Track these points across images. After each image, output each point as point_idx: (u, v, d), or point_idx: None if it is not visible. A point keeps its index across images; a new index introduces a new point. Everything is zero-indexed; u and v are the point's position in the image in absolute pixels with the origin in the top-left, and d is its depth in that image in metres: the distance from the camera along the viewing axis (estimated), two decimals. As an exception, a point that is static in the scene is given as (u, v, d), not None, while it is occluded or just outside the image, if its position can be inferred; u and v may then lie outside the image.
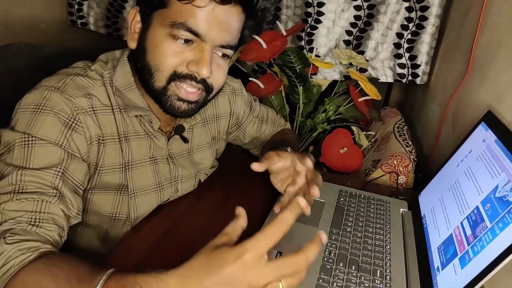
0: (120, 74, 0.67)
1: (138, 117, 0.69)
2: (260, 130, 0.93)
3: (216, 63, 0.64)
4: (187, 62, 0.62)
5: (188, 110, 0.66)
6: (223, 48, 0.63)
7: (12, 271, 0.46)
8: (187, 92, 0.64)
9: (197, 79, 0.63)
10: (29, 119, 0.57)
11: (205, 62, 0.61)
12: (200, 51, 0.61)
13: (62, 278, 0.45)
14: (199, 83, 0.63)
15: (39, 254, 0.48)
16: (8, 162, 0.55)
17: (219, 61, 0.65)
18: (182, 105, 0.65)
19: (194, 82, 0.63)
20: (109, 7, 1.59)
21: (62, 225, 0.55)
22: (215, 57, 0.64)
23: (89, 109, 0.62)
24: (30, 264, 0.47)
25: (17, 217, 0.51)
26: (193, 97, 0.65)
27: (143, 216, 0.73)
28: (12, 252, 0.47)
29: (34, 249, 0.49)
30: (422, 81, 1.31)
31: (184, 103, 0.65)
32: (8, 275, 0.46)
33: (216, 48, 0.63)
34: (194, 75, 0.62)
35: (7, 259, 0.47)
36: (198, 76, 0.62)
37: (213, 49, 0.62)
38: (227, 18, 0.61)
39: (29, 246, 0.49)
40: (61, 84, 0.61)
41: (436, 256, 0.63)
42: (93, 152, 0.63)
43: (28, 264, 0.47)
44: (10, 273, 0.46)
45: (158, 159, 0.73)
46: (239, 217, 0.47)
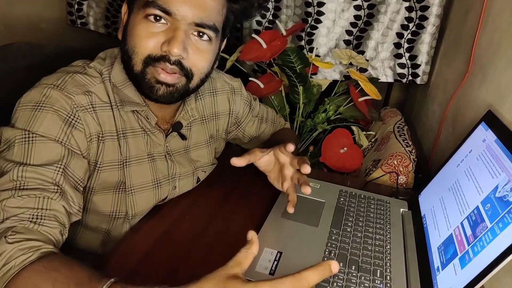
0: (117, 71, 0.67)
1: (135, 113, 0.69)
2: (259, 129, 0.93)
3: (195, 45, 0.63)
4: (161, 44, 0.61)
5: (167, 93, 0.64)
6: (199, 27, 0.62)
7: (12, 271, 0.46)
8: (165, 74, 0.63)
9: (171, 60, 0.61)
10: (29, 116, 0.58)
11: (176, 40, 0.60)
12: (172, 30, 0.61)
13: (61, 283, 0.45)
14: (174, 64, 0.62)
15: (40, 255, 0.48)
16: (9, 159, 0.55)
17: (199, 44, 0.64)
18: (160, 88, 0.64)
19: (168, 63, 0.61)
20: (108, 7, 1.59)
21: (64, 222, 0.55)
22: (194, 39, 0.63)
23: (88, 106, 0.62)
24: (30, 266, 0.47)
25: (19, 214, 0.51)
26: (170, 79, 0.63)
27: (141, 213, 0.73)
28: (13, 252, 0.47)
29: (35, 249, 0.49)
30: (422, 81, 1.31)
31: (162, 85, 0.63)
32: (9, 275, 0.46)
33: (192, 28, 0.62)
34: (168, 56, 0.61)
35: (7, 259, 0.47)
36: (172, 57, 0.61)
37: (188, 29, 0.62)
38: None
39: (30, 245, 0.49)
40: (60, 81, 0.61)
41: (436, 256, 0.63)
42: (93, 149, 0.64)
43: (28, 265, 0.47)
44: (11, 273, 0.46)
45: (155, 156, 0.73)
46: (252, 244, 0.46)
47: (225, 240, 0.70)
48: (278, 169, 0.77)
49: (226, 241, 0.69)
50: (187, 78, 0.65)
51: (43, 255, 0.48)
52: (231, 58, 1.27)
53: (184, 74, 0.64)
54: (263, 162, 0.75)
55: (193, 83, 0.67)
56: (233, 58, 1.27)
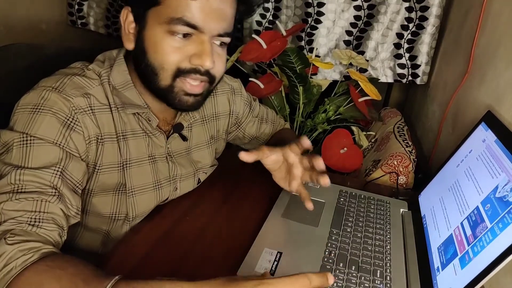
0: (117, 73, 0.67)
1: (136, 115, 0.69)
2: (259, 129, 0.93)
3: (216, 52, 0.64)
4: (189, 56, 0.62)
5: (195, 103, 0.67)
6: (221, 37, 0.63)
7: (14, 272, 0.46)
8: (192, 86, 0.64)
9: (201, 72, 0.63)
10: (28, 119, 0.58)
11: (207, 53, 0.61)
12: (200, 43, 0.61)
13: (67, 280, 0.45)
14: (204, 75, 0.64)
15: (41, 255, 0.48)
16: (7, 162, 0.55)
17: (218, 49, 0.65)
18: (189, 99, 0.65)
19: (199, 75, 0.63)
20: (109, 7, 1.59)
21: (62, 224, 0.55)
22: (214, 47, 0.64)
23: (87, 109, 0.62)
24: (33, 265, 0.47)
25: (17, 217, 0.51)
26: (198, 89, 0.65)
27: (142, 215, 0.73)
28: (13, 253, 0.47)
29: (36, 250, 0.49)
30: (422, 81, 1.31)
31: (191, 97, 0.65)
32: (10, 276, 0.46)
33: (215, 38, 0.63)
34: (198, 68, 0.62)
35: (8, 260, 0.47)
36: (202, 69, 0.63)
37: (211, 39, 0.62)
38: (221, 6, 0.61)
39: (30, 246, 0.49)
40: (59, 84, 0.61)
41: (436, 256, 0.63)
42: (91, 152, 0.63)
43: (30, 265, 0.47)
44: (12, 274, 0.46)
45: (157, 157, 0.73)
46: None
47: (225, 240, 0.70)
48: (285, 169, 0.75)
49: (226, 241, 0.70)
50: (210, 83, 0.67)
51: (44, 256, 0.48)
52: (231, 58, 1.27)
53: (209, 80, 0.66)
54: (270, 161, 0.74)
55: (214, 85, 0.69)
56: (233, 58, 1.27)
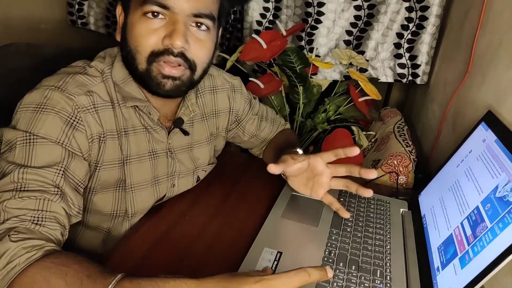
0: (118, 69, 0.67)
1: (137, 110, 0.69)
2: (259, 127, 0.93)
3: (195, 36, 0.64)
4: (162, 39, 0.62)
5: (174, 87, 0.65)
6: (197, 17, 0.63)
7: (18, 269, 0.46)
8: (170, 68, 0.63)
9: (174, 53, 0.62)
10: (31, 118, 0.58)
11: (177, 32, 0.60)
12: (172, 23, 0.61)
13: (72, 276, 0.45)
14: (178, 56, 0.63)
15: (44, 253, 0.48)
16: (10, 161, 0.56)
17: (198, 34, 0.64)
18: (167, 82, 0.64)
19: (172, 56, 0.62)
20: (109, 7, 1.59)
21: (64, 223, 0.56)
22: (193, 30, 0.64)
23: (90, 107, 0.63)
24: (37, 262, 0.47)
25: (20, 215, 0.51)
26: (176, 72, 0.64)
27: (141, 212, 0.73)
28: (17, 250, 0.47)
29: (39, 248, 0.49)
30: (422, 81, 1.31)
31: (169, 79, 0.64)
32: (14, 273, 0.46)
33: (190, 19, 0.62)
34: (170, 49, 0.62)
35: (12, 256, 0.47)
36: (174, 50, 0.62)
37: (187, 21, 0.62)
38: None
39: (34, 244, 0.49)
40: (61, 83, 0.61)
41: (436, 256, 0.63)
42: (94, 150, 0.64)
43: (35, 262, 0.47)
44: (16, 271, 0.46)
45: (157, 153, 0.73)
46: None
47: (225, 239, 0.70)
48: (306, 176, 0.75)
49: (225, 240, 0.70)
50: (191, 70, 0.66)
51: (47, 253, 0.49)
52: (231, 58, 1.27)
53: (188, 66, 0.65)
54: (294, 170, 0.73)
55: (197, 74, 0.68)
56: (233, 58, 1.27)
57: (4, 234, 0.49)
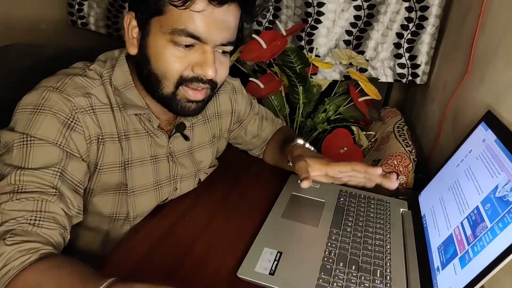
0: (119, 73, 0.67)
1: (138, 115, 0.69)
2: (261, 127, 0.94)
3: (219, 60, 0.65)
4: (192, 65, 0.62)
5: (197, 108, 0.68)
6: (223, 46, 0.64)
7: (12, 273, 0.46)
8: (195, 92, 0.65)
9: (204, 80, 0.64)
10: (28, 120, 0.58)
11: (209, 63, 0.62)
12: (202, 53, 0.62)
13: (64, 279, 0.45)
14: (206, 83, 0.64)
15: (39, 256, 0.48)
16: (8, 163, 0.56)
17: (221, 58, 0.66)
18: (191, 106, 0.66)
19: (201, 83, 0.64)
20: (109, 7, 1.59)
21: (64, 224, 0.55)
22: (217, 55, 0.64)
23: (88, 108, 0.62)
24: (31, 266, 0.47)
25: (18, 217, 0.51)
26: (200, 96, 0.66)
27: (142, 215, 0.73)
28: (12, 254, 0.47)
29: (35, 251, 0.49)
30: (422, 81, 1.31)
31: (193, 103, 0.66)
32: (8, 277, 0.46)
33: (217, 47, 0.63)
34: (201, 77, 0.63)
35: (6, 260, 0.47)
36: (204, 78, 0.63)
37: (214, 49, 0.63)
38: (225, 18, 0.61)
39: (29, 247, 0.49)
40: (59, 84, 0.61)
41: (436, 256, 0.63)
42: (92, 151, 0.64)
43: (29, 266, 0.47)
44: (10, 275, 0.46)
45: (159, 157, 0.73)
46: None
47: (225, 239, 0.70)
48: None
49: (226, 240, 0.70)
50: (212, 89, 0.67)
51: (42, 256, 0.49)
52: (231, 58, 1.27)
53: (211, 86, 0.66)
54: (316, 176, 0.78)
55: (215, 91, 0.70)
56: (233, 58, 1.27)
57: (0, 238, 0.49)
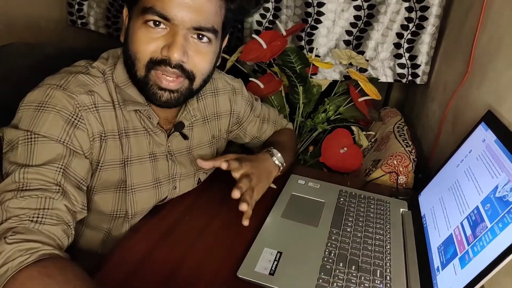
0: (120, 71, 0.67)
1: (138, 112, 0.69)
2: (261, 129, 0.94)
3: (195, 48, 0.64)
4: (161, 48, 0.62)
5: (171, 99, 0.66)
6: (198, 30, 0.63)
7: (9, 273, 0.46)
8: (167, 80, 0.64)
9: (172, 64, 0.62)
10: (32, 117, 0.58)
11: (175, 44, 0.61)
12: (172, 35, 0.61)
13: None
14: (175, 68, 0.63)
15: (38, 257, 0.48)
16: (12, 161, 0.56)
17: (199, 46, 0.64)
18: (163, 94, 0.65)
19: (169, 67, 0.62)
20: (109, 7, 1.59)
21: (68, 220, 0.56)
22: (194, 42, 0.63)
23: (91, 106, 0.63)
24: (26, 268, 0.47)
25: (20, 215, 0.51)
26: (173, 85, 0.64)
27: (141, 213, 0.73)
28: (11, 253, 0.47)
29: (34, 251, 0.49)
30: (422, 81, 1.31)
31: (165, 92, 0.65)
32: (6, 277, 0.46)
33: (191, 31, 0.62)
34: (168, 60, 0.62)
35: (6, 259, 0.47)
36: (172, 61, 0.62)
37: (187, 33, 0.62)
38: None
39: (29, 247, 0.49)
40: (63, 82, 0.62)
41: (436, 256, 0.63)
42: (95, 149, 0.64)
43: (24, 268, 0.47)
44: (8, 275, 0.46)
45: (157, 155, 0.73)
46: None
47: (225, 240, 0.70)
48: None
49: (226, 241, 0.70)
50: (189, 79, 0.66)
51: (41, 258, 0.48)
52: (231, 58, 1.27)
53: (186, 76, 0.65)
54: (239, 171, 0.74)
55: (196, 84, 0.68)
56: (233, 58, 1.27)
57: (1, 235, 0.49)
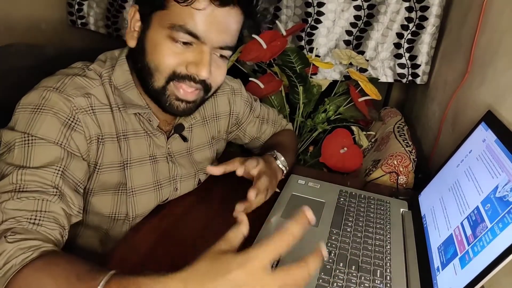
0: (119, 73, 0.67)
1: (137, 115, 0.69)
2: (260, 130, 0.93)
3: (215, 63, 0.64)
4: (187, 63, 0.62)
5: (186, 109, 0.67)
6: (222, 49, 0.63)
7: (13, 270, 0.46)
8: (186, 92, 0.64)
9: (196, 80, 0.63)
10: (29, 119, 0.58)
11: (204, 64, 0.61)
12: (199, 52, 0.61)
13: (62, 277, 0.45)
14: (198, 83, 0.64)
15: (40, 254, 0.48)
16: (9, 162, 0.56)
17: (218, 61, 0.65)
18: (180, 105, 0.65)
19: (193, 83, 0.63)
20: (109, 7, 1.58)
21: (64, 224, 0.55)
22: (214, 57, 0.64)
23: (88, 108, 0.63)
24: (32, 263, 0.47)
25: (18, 216, 0.51)
26: (191, 97, 0.65)
27: (142, 215, 0.73)
28: (13, 251, 0.47)
29: (35, 248, 0.49)
30: (422, 81, 1.31)
31: (182, 102, 0.65)
32: (9, 274, 0.46)
33: (215, 50, 0.63)
34: (193, 76, 0.62)
35: (8, 258, 0.47)
36: (197, 77, 0.63)
37: (212, 51, 0.62)
38: (226, 20, 0.61)
39: (30, 245, 0.49)
40: (59, 84, 0.61)
41: (436, 256, 0.63)
42: (92, 151, 0.64)
43: (30, 263, 0.47)
44: (11, 272, 0.46)
45: (157, 157, 0.73)
46: (241, 224, 0.44)
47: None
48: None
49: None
50: (205, 91, 0.67)
51: (43, 254, 0.49)
52: (231, 58, 1.26)
53: (204, 88, 0.66)
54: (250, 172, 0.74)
55: (209, 94, 0.69)
56: (233, 58, 1.27)
57: (0, 235, 0.49)
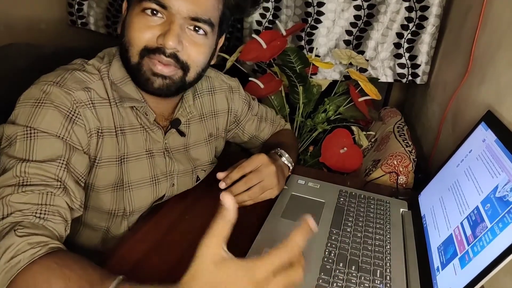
0: (116, 68, 0.68)
1: (134, 109, 0.69)
2: (259, 128, 0.94)
3: (191, 39, 0.64)
4: (157, 36, 0.62)
5: (163, 86, 0.66)
6: (194, 21, 0.63)
7: (22, 264, 0.46)
8: (161, 65, 0.64)
9: (166, 53, 0.63)
10: (30, 113, 0.58)
11: (170, 32, 0.61)
12: (168, 24, 0.62)
13: (74, 282, 0.46)
14: (169, 57, 0.63)
15: (48, 250, 0.49)
16: (11, 155, 0.56)
17: (195, 37, 0.65)
18: (156, 80, 0.65)
19: (163, 55, 0.63)
20: (109, 7, 1.59)
21: (67, 217, 0.56)
22: (189, 32, 0.64)
23: (88, 102, 0.63)
24: (40, 259, 0.47)
25: (23, 209, 0.51)
26: (167, 71, 0.64)
27: (139, 210, 0.73)
28: (22, 245, 0.48)
29: (44, 244, 0.49)
30: (422, 81, 1.31)
31: (158, 77, 0.65)
32: (18, 268, 0.46)
33: (187, 22, 0.63)
34: (163, 48, 0.62)
35: (16, 251, 0.47)
36: (167, 50, 0.62)
37: (183, 23, 0.63)
38: None
39: (39, 240, 0.49)
40: (59, 78, 0.62)
41: (436, 256, 0.63)
42: (92, 145, 0.64)
43: (38, 259, 0.47)
44: (20, 266, 0.46)
45: (154, 152, 0.73)
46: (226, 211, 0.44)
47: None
48: None
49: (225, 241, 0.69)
50: (183, 70, 0.66)
51: (51, 251, 0.49)
52: (231, 58, 1.27)
53: (180, 66, 0.65)
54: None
55: (190, 76, 0.68)
56: (233, 58, 1.27)
57: (9, 229, 0.49)
